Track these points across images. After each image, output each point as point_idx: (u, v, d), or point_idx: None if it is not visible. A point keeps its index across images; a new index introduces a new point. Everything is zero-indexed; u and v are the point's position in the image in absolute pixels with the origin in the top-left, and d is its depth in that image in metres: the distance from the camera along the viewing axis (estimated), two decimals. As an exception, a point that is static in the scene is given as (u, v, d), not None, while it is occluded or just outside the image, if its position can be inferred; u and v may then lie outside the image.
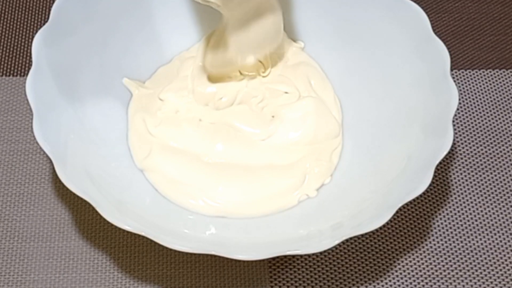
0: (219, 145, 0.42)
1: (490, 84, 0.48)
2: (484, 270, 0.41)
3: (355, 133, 0.43)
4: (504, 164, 0.45)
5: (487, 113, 0.47)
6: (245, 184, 0.41)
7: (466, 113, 0.47)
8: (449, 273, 0.41)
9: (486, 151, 0.45)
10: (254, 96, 0.44)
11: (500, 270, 0.41)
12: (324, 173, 0.42)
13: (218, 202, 0.41)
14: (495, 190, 0.44)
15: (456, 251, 0.42)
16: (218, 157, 0.42)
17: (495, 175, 0.44)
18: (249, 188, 0.41)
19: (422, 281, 0.41)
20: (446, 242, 0.42)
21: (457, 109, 0.46)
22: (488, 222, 0.43)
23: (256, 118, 0.44)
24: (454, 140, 0.45)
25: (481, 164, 0.45)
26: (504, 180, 0.44)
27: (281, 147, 0.43)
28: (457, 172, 0.44)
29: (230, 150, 0.42)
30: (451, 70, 0.47)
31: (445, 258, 0.41)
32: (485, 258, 0.41)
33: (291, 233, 0.39)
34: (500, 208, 0.43)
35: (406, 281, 0.41)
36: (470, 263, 0.41)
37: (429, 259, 0.41)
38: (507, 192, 0.44)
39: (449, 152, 0.44)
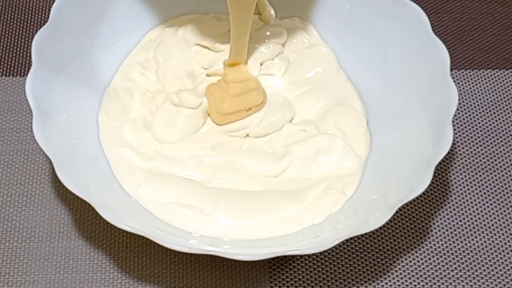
0: (220, 175, 0.41)
1: (490, 84, 0.48)
2: (484, 270, 0.41)
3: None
4: (504, 164, 0.45)
5: (487, 113, 0.47)
6: (246, 209, 0.39)
7: (466, 113, 0.47)
8: (449, 273, 0.41)
9: (486, 151, 0.45)
10: (262, 136, 0.43)
11: (500, 270, 0.41)
12: (333, 204, 0.40)
13: (217, 228, 0.39)
14: (495, 190, 0.44)
15: (456, 251, 0.42)
16: (219, 184, 0.40)
17: (495, 175, 0.44)
18: (250, 213, 0.39)
19: (422, 281, 0.41)
20: (446, 242, 0.42)
21: (457, 109, 0.46)
22: (488, 222, 0.43)
23: (264, 155, 0.41)
24: (454, 140, 0.45)
25: (481, 164, 0.45)
26: (504, 180, 0.44)
27: (290, 180, 0.41)
28: (457, 172, 0.44)
29: (233, 180, 0.40)
30: (451, 70, 0.47)
31: (445, 258, 0.41)
32: (485, 258, 0.41)
33: (291, 234, 0.39)
34: (500, 208, 0.43)
35: (406, 281, 0.41)
36: (470, 263, 0.41)
37: (429, 259, 0.41)
38: (507, 192, 0.44)
39: (449, 152, 0.44)
